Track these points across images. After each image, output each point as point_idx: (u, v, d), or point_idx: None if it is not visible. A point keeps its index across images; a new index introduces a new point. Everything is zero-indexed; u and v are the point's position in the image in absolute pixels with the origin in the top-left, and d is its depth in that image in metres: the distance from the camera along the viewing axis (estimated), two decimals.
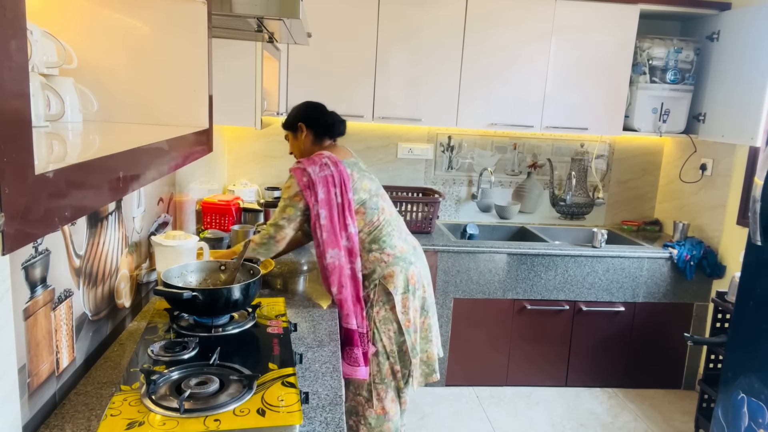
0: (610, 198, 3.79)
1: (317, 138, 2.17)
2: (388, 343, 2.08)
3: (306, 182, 1.97)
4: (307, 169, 1.98)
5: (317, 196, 1.96)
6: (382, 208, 2.11)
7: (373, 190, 2.10)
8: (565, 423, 2.99)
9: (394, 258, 2.08)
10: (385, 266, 2.08)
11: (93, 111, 1.11)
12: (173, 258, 1.81)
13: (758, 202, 2.05)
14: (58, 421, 1.17)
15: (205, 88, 1.18)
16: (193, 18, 1.14)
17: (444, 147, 3.62)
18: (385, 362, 2.09)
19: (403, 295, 2.09)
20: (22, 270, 1.06)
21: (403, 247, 2.13)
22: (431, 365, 2.21)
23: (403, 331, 2.08)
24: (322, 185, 1.97)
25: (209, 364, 1.31)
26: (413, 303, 2.11)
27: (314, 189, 1.96)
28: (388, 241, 2.09)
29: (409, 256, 2.12)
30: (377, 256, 2.08)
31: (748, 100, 2.88)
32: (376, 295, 2.08)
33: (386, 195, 2.20)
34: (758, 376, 2.12)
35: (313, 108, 2.21)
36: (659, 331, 3.30)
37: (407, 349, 2.09)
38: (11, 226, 0.49)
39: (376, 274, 2.08)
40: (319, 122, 2.16)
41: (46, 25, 1.01)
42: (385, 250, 2.08)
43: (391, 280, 2.07)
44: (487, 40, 3.14)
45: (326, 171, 1.98)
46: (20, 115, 0.51)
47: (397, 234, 2.14)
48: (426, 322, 2.19)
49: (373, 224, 2.08)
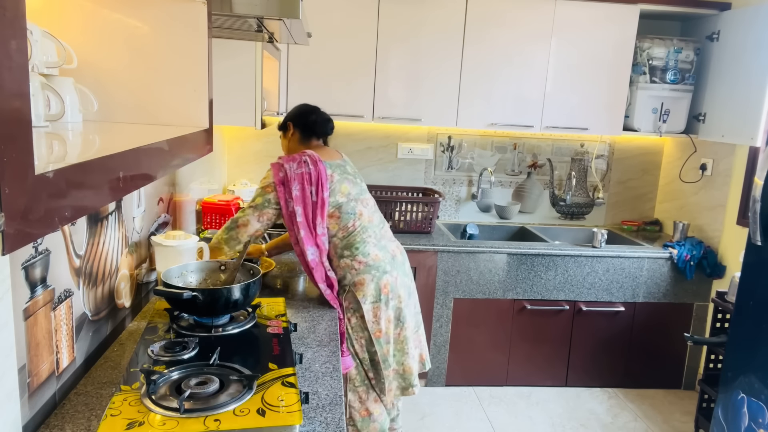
0: (610, 198, 3.79)
1: (303, 137, 2.18)
2: (360, 350, 2.06)
3: (281, 177, 1.96)
4: (285, 165, 1.97)
5: (291, 192, 1.94)
6: (360, 213, 2.06)
7: (352, 194, 2.06)
8: (565, 423, 2.99)
9: (365, 266, 2.04)
10: (356, 273, 2.04)
11: (93, 111, 1.11)
12: (173, 258, 1.81)
13: (758, 202, 2.05)
14: (58, 421, 1.17)
15: (205, 88, 1.18)
16: (193, 18, 1.14)
17: (444, 147, 3.62)
18: (359, 367, 2.08)
19: (373, 304, 2.04)
20: (22, 270, 1.05)
21: (377, 255, 2.07)
22: (407, 378, 2.14)
23: (373, 341, 2.05)
24: (298, 182, 1.95)
25: (209, 364, 1.31)
26: (386, 313, 2.06)
27: (288, 185, 1.95)
28: (361, 248, 2.05)
29: (383, 265, 2.07)
30: (348, 262, 2.05)
31: (748, 100, 2.88)
32: (347, 301, 2.06)
33: (370, 200, 2.16)
34: (758, 376, 2.12)
35: (301, 108, 2.24)
36: (659, 331, 3.30)
37: (379, 359, 2.06)
38: (11, 226, 0.49)
39: (346, 281, 2.06)
40: (304, 121, 2.18)
41: (46, 25, 1.01)
42: (356, 257, 2.05)
43: (361, 288, 2.03)
44: (487, 40, 3.14)
45: (303, 168, 1.97)
46: (20, 115, 0.51)
47: (373, 241, 2.08)
48: (402, 334, 2.13)
49: (348, 229, 2.04)
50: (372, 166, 3.58)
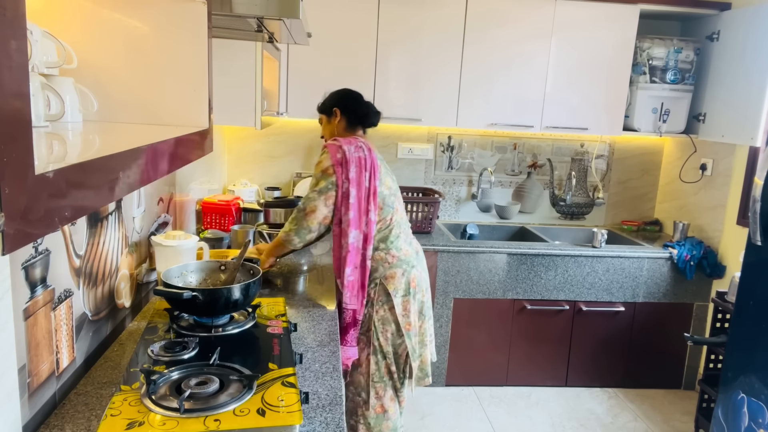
0: (610, 198, 3.79)
1: (350, 125, 2.18)
2: (384, 343, 2.09)
3: (339, 159, 1.97)
4: (343, 146, 1.99)
5: (348, 173, 1.95)
6: (396, 209, 2.13)
7: (392, 189, 2.12)
8: (565, 423, 2.99)
9: (398, 260, 2.10)
10: (388, 267, 2.09)
11: (93, 111, 1.11)
12: (173, 258, 1.81)
13: (758, 202, 2.05)
14: (58, 421, 1.17)
15: (205, 88, 1.18)
16: (193, 18, 1.14)
17: (444, 147, 3.62)
18: (382, 361, 2.09)
19: (403, 297, 2.09)
20: (22, 270, 1.05)
21: (407, 251, 2.14)
22: (424, 369, 2.20)
23: (402, 333, 2.09)
24: (355, 165, 1.97)
25: (209, 364, 1.31)
26: (413, 306, 2.12)
27: (346, 166, 1.96)
28: (395, 243, 2.11)
29: (412, 260, 2.14)
30: (382, 255, 2.09)
31: (748, 100, 2.88)
32: (377, 294, 2.09)
33: (401, 198, 2.21)
34: (758, 376, 2.12)
35: (350, 96, 2.23)
36: (659, 331, 3.30)
37: (403, 352, 2.10)
38: (11, 226, 0.49)
39: (377, 273, 2.09)
40: (354, 110, 2.18)
41: (46, 25, 1.01)
42: (390, 251, 2.09)
43: (392, 281, 2.08)
44: (487, 40, 3.14)
45: (360, 153, 1.99)
46: (20, 115, 0.51)
47: (404, 237, 2.16)
48: (423, 326, 2.20)
49: (386, 222, 2.09)
50: None
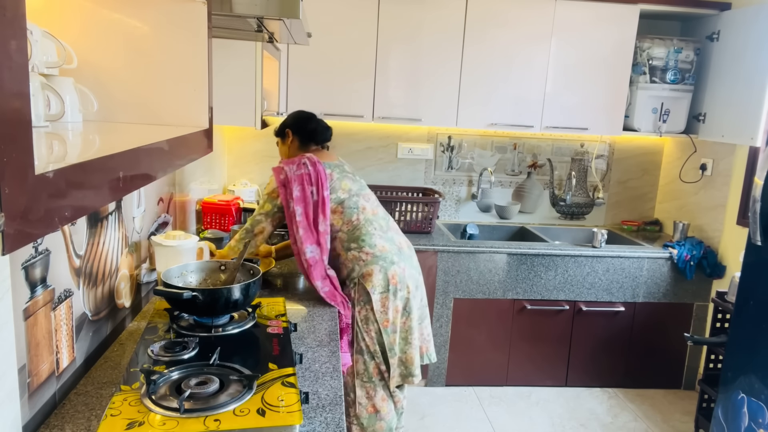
0: (610, 198, 3.79)
1: (302, 144, 2.26)
2: (370, 343, 2.09)
3: (282, 180, 2.05)
4: (285, 168, 2.06)
5: (292, 193, 2.02)
6: (363, 207, 2.15)
7: (353, 190, 2.15)
8: (565, 423, 2.99)
9: (373, 257, 2.09)
10: (364, 265, 2.09)
11: (93, 111, 1.11)
12: (173, 258, 1.81)
13: (758, 202, 2.05)
14: (58, 421, 1.17)
15: (205, 88, 1.18)
16: (193, 18, 1.14)
17: (444, 147, 3.62)
18: (370, 362, 2.10)
19: (382, 294, 2.08)
20: (22, 270, 1.05)
21: (384, 246, 2.13)
22: (409, 368, 2.17)
23: (381, 331, 2.09)
24: (298, 183, 2.03)
25: (209, 364, 1.31)
26: (393, 303, 2.10)
27: (289, 186, 2.03)
28: (368, 240, 2.11)
29: (390, 256, 2.12)
30: (355, 254, 2.11)
31: (748, 100, 2.88)
32: (357, 294, 2.10)
33: (371, 196, 2.24)
34: (758, 376, 2.12)
35: (299, 116, 2.32)
36: (659, 331, 3.30)
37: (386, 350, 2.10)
38: (11, 226, 0.49)
39: (355, 273, 2.10)
40: (304, 128, 2.26)
41: (46, 25, 1.01)
42: (363, 248, 2.10)
43: (369, 279, 2.08)
44: (487, 40, 3.14)
45: (303, 170, 2.05)
46: (20, 115, 0.51)
47: (379, 233, 2.15)
48: (407, 324, 2.16)
49: (352, 223, 2.12)
50: (372, 166, 3.58)
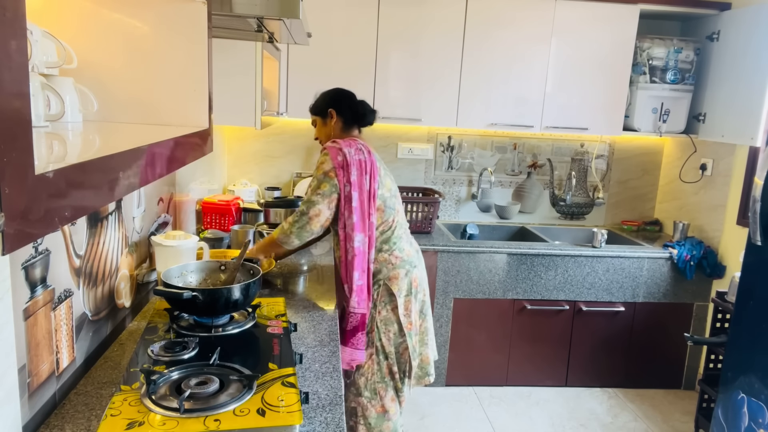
0: (610, 198, 3.79)
1: (346, 126, 2.15)
2: (387, 343, 2.09)
3: (341, 161, 1.95)
4: (344, 149, 1.96)
5: (350, 177, 1.93)
6: (397, 210, 2.13)
7: (393, 191, 2.11)
8: (565, 423, 2.99)
9: (401, 261, 2.10)
10: (392, 268, 2.09)
11: (93, 111, 1.11)
12: (173, 258, 1.81)
13: (758, 202, 2.05)
14: (58, 421, 1.17)
15: (205, 88, 1.18)
16: (193, 18, 1.14)
17: (444, 147, 3.62)
18: (383, 362, 2.10)
19: (406, 297, 2.10)
20: (22, 270, 1.05)
21: (409, 251, 2.15)
22: (425, 368, 2.21)
23: (404, 333, 2.09)
24: (356, 168, 1.94)
25: (209, 364, 1.31)
26: (415, 306, 2.13)
27: (348, 170, 1.94)
28: (398, 244, 2.11)
29: (414, 260, 2.15)
30: (386, 257, 2.09)
31: (748, 100, 2.88)
32: (380, 295, 2.09)
33: (401, 199, 2.20)
34: (758, 376, 2.12)
35: (345, 95, 2.19)
36: (659, 331, 3.30)
37: (404, 351, 2.10)
38: (11, 226, 0.48)
39: (381, 275, 2.09)
40: (351, 110, 2.15)
41: (46, 25, 1.01)
42: (394, 252, 2.09)
43: (396, 282, 2.08)
44: (487, 41, 3.14)
45: (360, 156, 1.97)
46: (20, 115, 0.51)
47: (405, 237, 2.16)
48: (423, 325, 2.21)
49: (388, 224, 2.09)
50: None
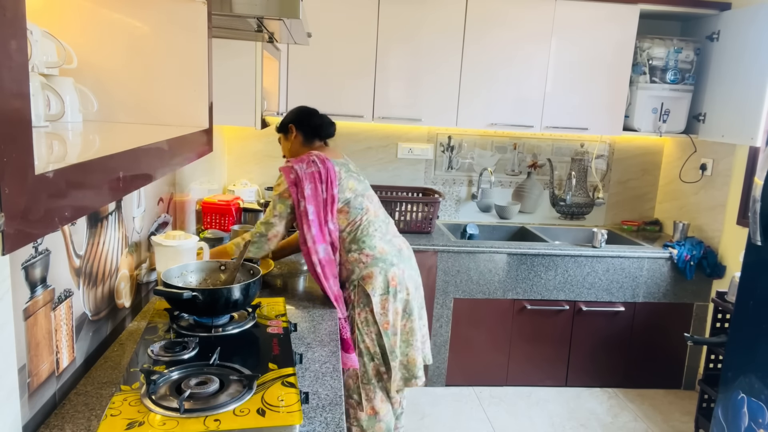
0: (610, 198, 3.79)
1: (306, 139, 2.22)
2: (370, 344, 2.09)
3: (293, 179, 2.02)
4: (294, 166, 2.03)
5: (304, 192, 2.00)
6: (367, 208, 2.13)
7: (359, 191, 2.12)
8: (565, 423, 2.99)
9: (373, 259, 2.08)
10: (364, 267, 2.08)
11: (93, 111, 1.11)
12: (173, 258, 1.81)
13: (758, 202, 2.05)
14: (58, 421, 1.17)
15: (205, 88, 1.18)
16: (193, 18, 1.14)
17: (444, 147, 3.62)
18: (369, 363, 2.09)
19: (382, 296, 2.08)
20: (22, 270, 1.05)
21: (383, 249, 2.11)
22: (411, 370, 2.16)
23: (381, 333, 2.08)
24: (309, 181, 2.01)
25: (209, 364, 1.31)
26: (393, 305, 2.09)
27: (301, 185, 2.01)
28: (368, 242, 2.10)
29: (390, 258, 2.11)
30: (356, 256, 2.09)
31: (748, 100, 2.88)
32: (357, 296, 2.09)
33: (374, 197, 2.23)
34: (758, 376, 2.12)
35: (302, 111, 2.28)
36: (659, 331, 3.30)
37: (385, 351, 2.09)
38: (11, 226, 0.49)
39: (354, 275, 2.09)
40: (308, 124, 2.22)
41: (46, 25, 1.01)
42: (364, 250, 2.09)
43: (370, 281, 2.07)
44: (487, 40, 3.14)
45: (313, 168, 2.03)
46: (20, 115, 0.51)
47: (379, 235, 2.13)
48: (408, 326, 2.16)
49: (355, 223, 2.10)
50: (372, 166, 3.57)
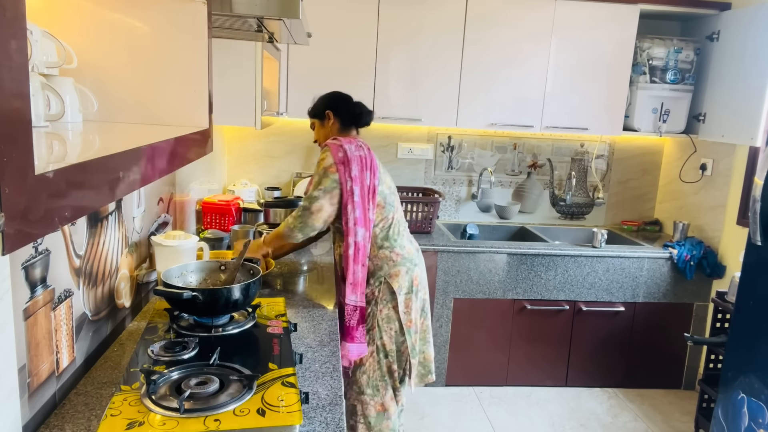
0: (610, 198, 3.79)
1: (343, 126, 2.18)
2: (388, 341, 2.09)
3: (341, 157, 1.98)
4: (344, 145, 2.00)
5: (351, 172, 1.96)
6: (396, 207, 2.15)
7: (392, 188, 2.14)
8: (565, 423, 2.99)
9: (402, 258, 2.11)
10: (393, 265, 2.09)
11: (93, 111, 1.11)
12: (173, 258, 1.81)
13: (758, 202, 2.05)
14: (58, 421, 1.17)
15: (205, 88, 1.18)
16: (193, 18, 1.14)
17: (444, 147, 3.62)
18: (383, 360, 2.10)
19: (406, 295, 2.11)
20: (22, 270, 1.05)
21: (410, 249, 2.16)
22: (427, 366, 2.23)
23: (404, 331, 2.10)
24: (357, 164, 1.98)
25: (209, 364, 1.31)
26: (415, 304, 2.13)
27: (349, 165, 1.97)
28: (399, 241, 2.12)
29: (414, 258, 2.16)
30: (386, 254, 2.10)
31: (748, 100, 2.88)
32: (381, 293, 2.09)
33: (399, 198, 2.23)
34: (758, 376, 2.12)
35: (341, 98, 2.23)
36: (659, 331, 3.30)
37: (405, 349, 2.11)
38: (11, 226, 0.49)
39: (382, 272, 2.10)
40: (347, 111, 2.18)
41: (46, 25, 1.01)
42: (394, 249, 2.10)
43: (396, 279, 2.09)
44: (487, 40, 3.14)
45: (361, 152, 2.01)
46: (20, 115, 0.51)
47: (405, 235, 2.18)
48: (424, 323, 2.22)
49: (388, 221, 2.10)
50: None
